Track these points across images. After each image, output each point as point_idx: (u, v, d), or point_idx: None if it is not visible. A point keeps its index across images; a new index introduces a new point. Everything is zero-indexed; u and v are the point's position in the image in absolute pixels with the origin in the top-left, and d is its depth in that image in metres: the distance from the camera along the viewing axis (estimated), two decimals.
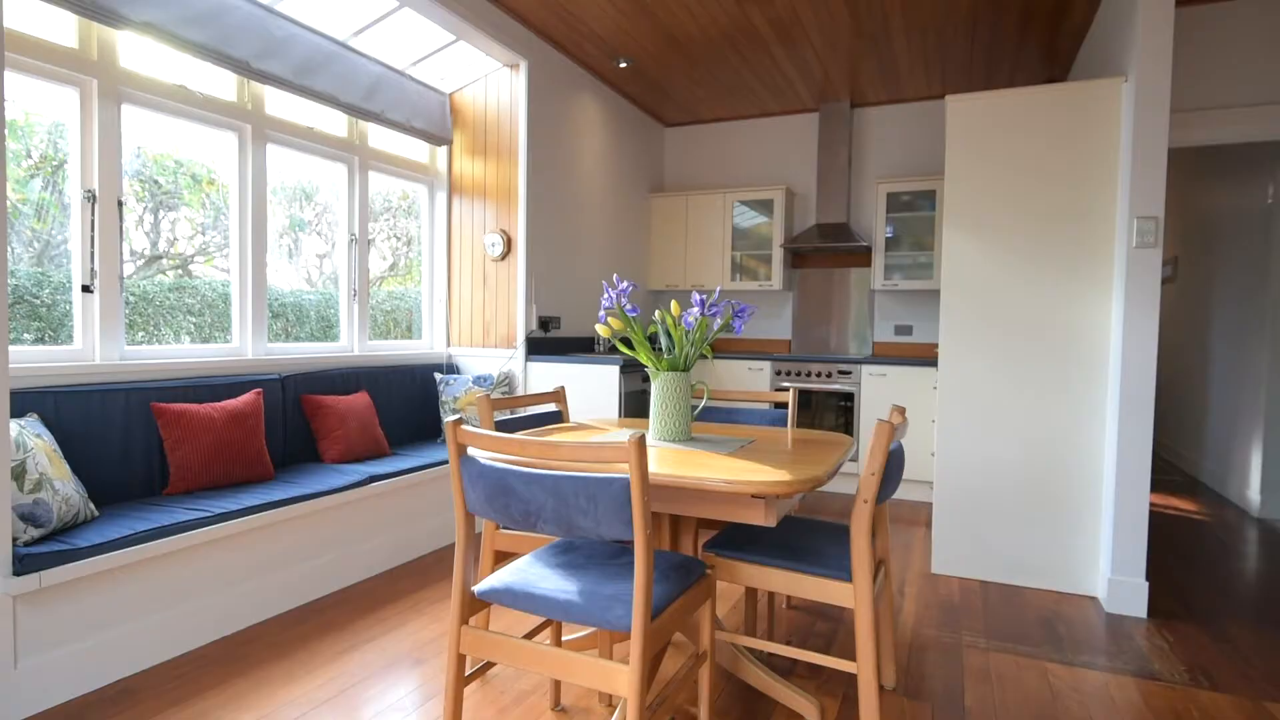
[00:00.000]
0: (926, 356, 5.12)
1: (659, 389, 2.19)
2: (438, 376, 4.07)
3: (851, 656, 2.46)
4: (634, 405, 4.16)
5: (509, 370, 4.20)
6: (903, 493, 4.77)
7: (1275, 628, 2.76)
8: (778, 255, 5.36)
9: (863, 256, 5.42)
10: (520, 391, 4.18)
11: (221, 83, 3.14)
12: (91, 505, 2.33)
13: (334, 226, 3.79)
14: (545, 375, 4.14)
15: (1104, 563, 2.98)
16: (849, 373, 4.88)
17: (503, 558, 2.34)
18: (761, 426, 2.70)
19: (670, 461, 1.81)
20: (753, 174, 5.76)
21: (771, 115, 5.64)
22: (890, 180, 5.01)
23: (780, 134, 5.65)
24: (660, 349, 2.23)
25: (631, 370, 4.11)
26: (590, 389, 4.01)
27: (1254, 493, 4.48)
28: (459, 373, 4.38)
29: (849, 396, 4.88)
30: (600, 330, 2.24)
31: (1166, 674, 2.37)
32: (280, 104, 3.39)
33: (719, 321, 2.12)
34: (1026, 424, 3.15)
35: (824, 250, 5.35)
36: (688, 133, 5.98)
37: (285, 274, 3.57)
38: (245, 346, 3.28)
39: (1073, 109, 3.05)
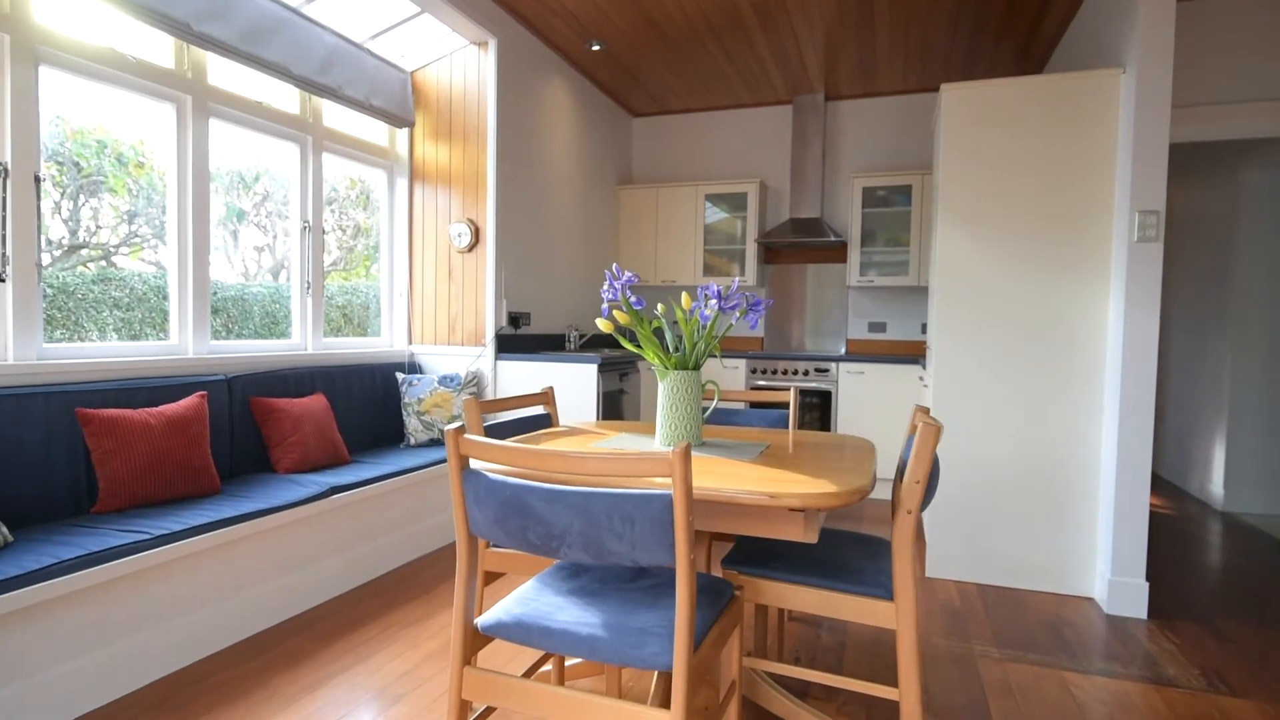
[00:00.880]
0: (901, 354, 5.06)
1: (668, 390, 1.99)
2: (400, 377, 3.78)
3: (866, 674, 2.31)
4: (611, 406, 3.95)
5: (477, 369, 3.94)
6: (883, 492, 4.70)
7: (1270, 626, 2.75)
8: (751, 250, 5.23)
9: (836, 252, 5.34)
10: (490, 392, 3.92)
11: (158, 47, 2.80)
12: (4, 529, 1.99)
13: (273, 217, 3.43)
14: (516, 375, 3.89)
15: (1103, 564, 2.93)
16: (826, 370, 4.78)
17: (490, 579, 2.10)
18: (764, 429, 2.54)
19: (693, 471, 1.61)
20: (724, 167, 5.61)
21: (744, 107, 5.50)
22: (865, 175, 4.93)
23: (752, 126, 5.52)
24: (665, 345, 2.04)
25: (609, 369, 3.90)
26: (566, 389, 3.79)
27: (1217, 486, 4.57)
28: (422, 372, 4.09)
29: (825, 395, 4.78)
30: (602, 325, 2.03)
31: (1183, 679, 2.30)
32: (225, 74, 3.05)
33: (736, 315, 1.94)
34: (1021, 423, 3.08)
35: (798, 245, 5.25)
36: (656, 123, 5.79)
37: (221, 267, 3.21)
38: (185, 344, 2.93)
39: (1068, 100, 2.98)
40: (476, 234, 3.92)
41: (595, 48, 4.36)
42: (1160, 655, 2.48)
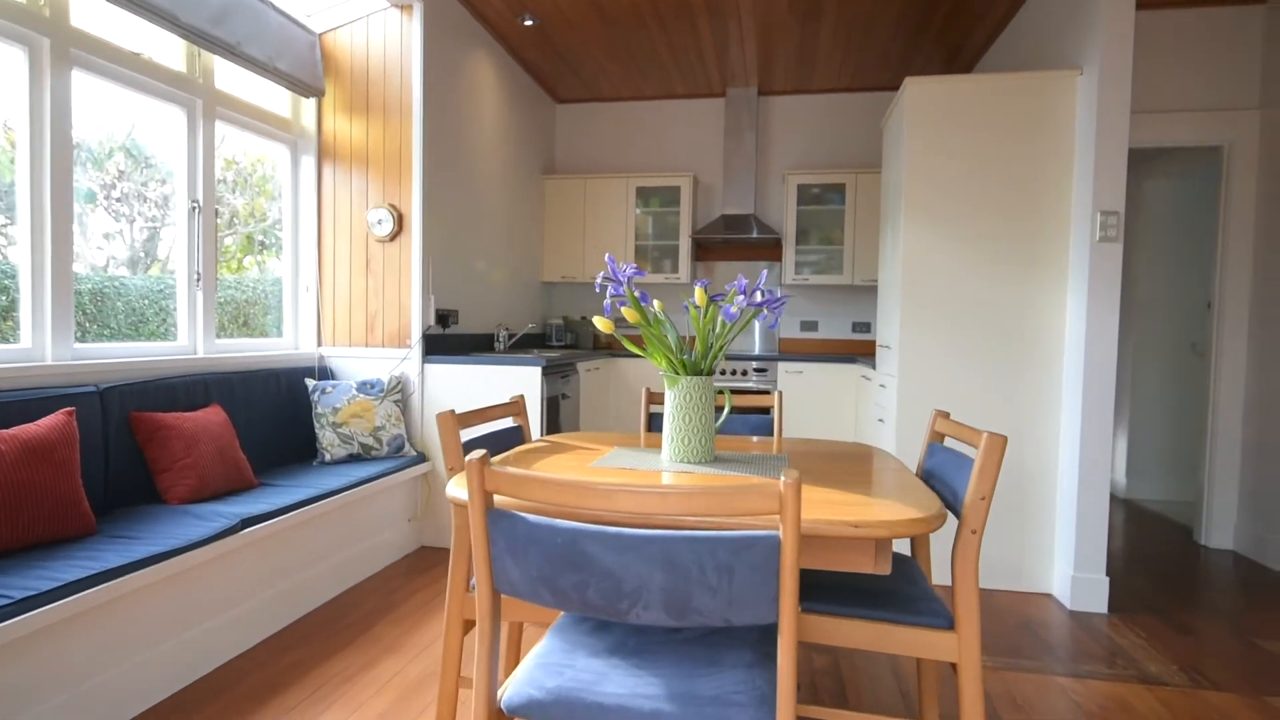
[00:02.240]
0: (832, 353, 5.06)
1: (679, 399, 1.74)
2: (310, 383, 3.28)
3: (870, 702, 2.16)
4: (552, 413, 3.63)
5: (402, 374, 3.50)
6: None
7: (1214, 612, 2.86)
8: (685, 246, 5.05)
9: (769, 250, 5.26)
10: (417, 399, 3.49)
11: None
12: None
13: (131, 198, 2.84)
14: (447, 379, 3.49)
15: (1064, 560, 2.95)
16: (765, 370, 4.68)
17: (468, 628, 1.76)
18: (753, 436, 2.34)
19: None
20: (654, 160, 5.40)
21: (676, 98, 5.31)
22: (799, 172, 4.87)
23: (683, 119, 5.34)
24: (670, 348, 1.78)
25: (552, 372, 3.58)
26: (506, 394, 3.43)
27: (1120, 475, 4.87)
28: (335, 378, 3.59)
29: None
30: (600, 324, 1.75)
31: (1168, 677, 2.32)
32: (93, 16, 2.49)
33: (766, 313, 1.72)
34: (982, 421, 3.06)
35: (732, 242, 5.12)
36: (583, 110, 5.49)
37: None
38: (42, 348, 2.35)
39: (1026, 98, 2.99)
40: (400, 221, 3.48)
41: (528, 23, 4.01)
42: (1137, 652, 2.50)
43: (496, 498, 1.16)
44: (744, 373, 4.70)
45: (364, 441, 3.25)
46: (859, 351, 5.11)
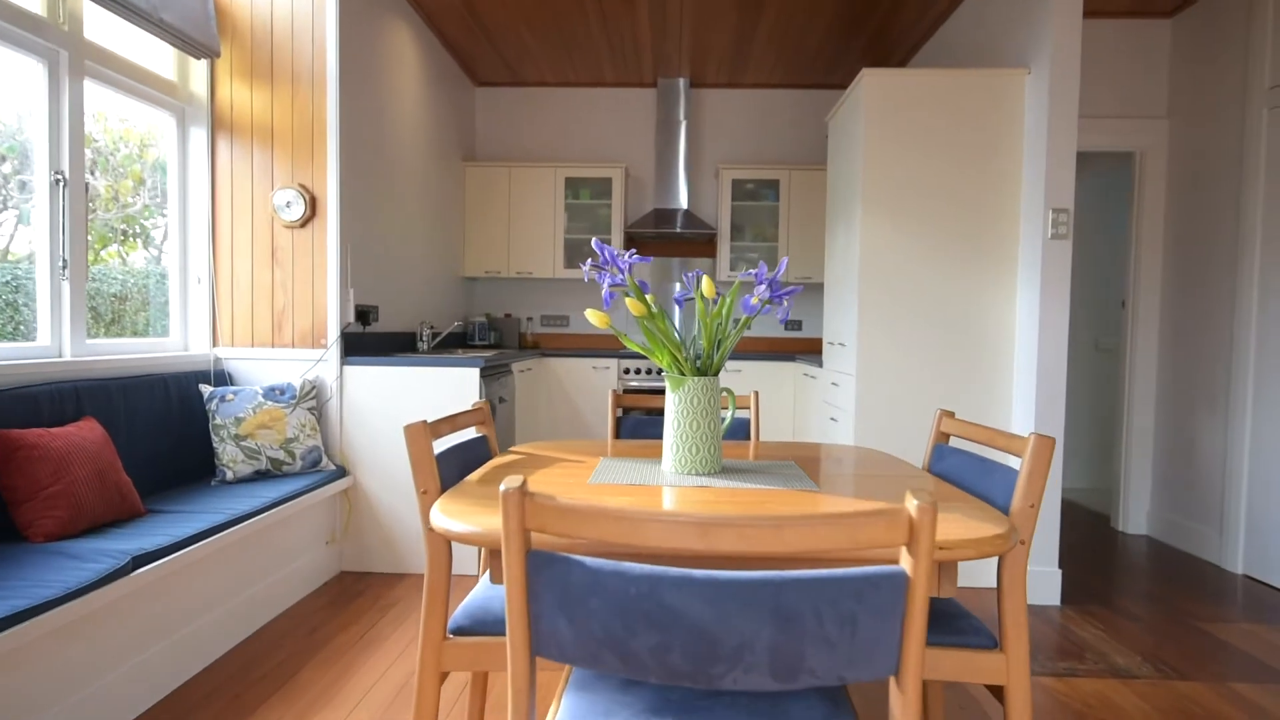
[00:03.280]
0: (765, 351, 5.01)
1: (684, 402, 1.54)
2: (205, 390, 2.83)
3: None
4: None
5: (317, 377, 3.09)
6: None
7: (1152, 600, 2.97)
8: (617, 240, 4.84)
9: (702, 246, 5.14)
10: (335, 405, 3.09)
11: None
12: None
13: None
14: (369, 383, 3.11)
15: None
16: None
17: (442, 679, 1.48)
18: (730, 440, 2.17)
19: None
20: (583, 150, 5.15)
21: (605, 86, 5.09)
22: (734, 167, 4.78)
23: (613, 108, 5.12)
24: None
25: (489, 374, 3.28)
26: (439, 400, 3.09)
27: None
28: (235, 383, 3.13)
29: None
30: (595, 319, 1.52)
31: (1136, 669, 2.34)
32: None
33: (785, 305, 1.54)
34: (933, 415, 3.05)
35: (665, 236, 4.96)
36: (504, 95, 5.16)
37: None
38: None
39: (977, 96, 3.00)
40: (312, 204, 3.07)
41: None
42: (1101, 645, 2.52)
43: (532, 534, 0.91)
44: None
45: (273, 456, 2.84)
46: (792, 349, 5.08)
